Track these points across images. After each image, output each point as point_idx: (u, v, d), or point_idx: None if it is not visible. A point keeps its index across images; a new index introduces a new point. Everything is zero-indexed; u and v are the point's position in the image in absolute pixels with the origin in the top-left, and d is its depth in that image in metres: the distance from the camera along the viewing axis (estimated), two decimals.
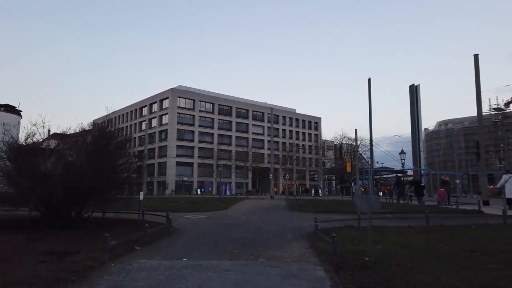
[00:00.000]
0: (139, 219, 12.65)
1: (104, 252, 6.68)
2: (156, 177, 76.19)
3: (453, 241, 7.72)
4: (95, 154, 10.82)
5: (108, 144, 11.18)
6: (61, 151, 11.25)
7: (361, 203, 5.90)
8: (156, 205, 21.68)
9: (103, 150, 10.90)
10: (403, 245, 7.26)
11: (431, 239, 8.00)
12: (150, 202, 22.05)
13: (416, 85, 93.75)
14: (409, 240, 7.96)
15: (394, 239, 8.03)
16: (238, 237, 9.44)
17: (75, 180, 9.85)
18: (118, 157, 11.41)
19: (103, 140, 11.05)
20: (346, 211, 17.25)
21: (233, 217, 15.14)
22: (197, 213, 16.93)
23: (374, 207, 5.77)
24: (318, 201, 27.32)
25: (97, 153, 10.77)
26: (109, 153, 10.98)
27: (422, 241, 7.73)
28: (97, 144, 10.86)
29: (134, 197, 14.21)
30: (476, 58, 25.11)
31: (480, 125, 26.19)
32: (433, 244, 7.44)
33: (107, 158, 10.86)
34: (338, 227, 10.66)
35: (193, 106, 78.28)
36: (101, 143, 11.12)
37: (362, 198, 5.93)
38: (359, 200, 5.94)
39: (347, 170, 33.09)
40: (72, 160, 11.08)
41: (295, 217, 15.16)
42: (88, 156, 10.75)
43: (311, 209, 18.44)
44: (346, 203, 25.03)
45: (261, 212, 17.77)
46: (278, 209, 20.21)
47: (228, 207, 20.95)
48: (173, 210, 18.23)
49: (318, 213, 16.69)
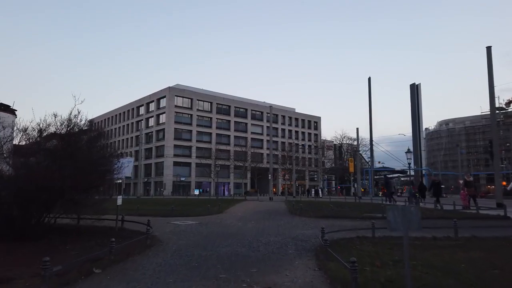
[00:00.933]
0: (116, 227, 10.95)
1: (43, 282, 4.96)
2: (153, 177, 74.53)
3: (505, 264, 6.03)
4: (61, 152, 9.10)
5: (78, 140, 9.47)
6: (24, 151, 9.52)
7: (394, 218, 4.19)
8: (145, 208, 19.97)
9: (71, 148, 9.18)
10: (442, 269, 5.55)
11: (473, 260, 6.30)
12: (137, 205, 20.29)
13: (417, 84, 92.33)
14: (446, 260, 6.26)
15: (425, 259, 6.34)
16: (229, 253, 7.74)
17: (33, 182, 8.16)
18: (90, 154, 9.67)
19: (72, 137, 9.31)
20: (352, 216, 15.65)
21: (226, 224, 13.42)
22: (187, 218, 15.22)
23: (413, 224, 4.07)
24: (320, 203, 25.55)
25: (64, 152, 9.06)
26: (78, 151, 9.24)
27: (465, 263, 6.03)
28: (63, 141, 9.13)
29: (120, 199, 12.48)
30: (489, 51, 23.42)
31: (494, 121, 24.46)
32: (480, 267, 5.74)
33: (76, 157, 9.13)
34: (348, 239, 8.97)
35: (190, 105, 76.54)
36: (70, 140, 9.39)
37: (396, 211, 4.20)
38: (392, 214, 4.21)
39: (350, 170, 31.33)
40: (36, 160, 9.36)
41: (297, 223, 13.46)
42: (53, 154, 9.03)
43: (313, 214, 16.77)
44: (350, 205, 23.40)
45: (258, 217, 16.04)
46: (277, 213, 18.48)
47: (223, 211, 19.20)
48: (163, 214, 16.82)
49: (321, 218, 15.17)
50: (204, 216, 16.43)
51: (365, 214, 16.44)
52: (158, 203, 26.63)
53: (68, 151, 9.11)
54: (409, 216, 4.12)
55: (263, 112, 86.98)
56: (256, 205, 24.56)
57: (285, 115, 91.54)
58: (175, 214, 16.67)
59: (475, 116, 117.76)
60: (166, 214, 16.76)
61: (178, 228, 12.16)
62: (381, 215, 15.03)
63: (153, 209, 19.93)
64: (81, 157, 9.28)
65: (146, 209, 19.44)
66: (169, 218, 15.49)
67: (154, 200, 36.05)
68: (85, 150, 9.67)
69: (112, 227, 11.01)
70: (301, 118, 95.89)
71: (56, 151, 8.98)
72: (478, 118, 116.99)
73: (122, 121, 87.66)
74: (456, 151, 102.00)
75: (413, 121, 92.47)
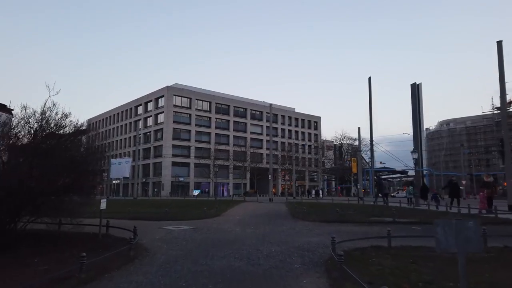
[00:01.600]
0: (99, 234, 9.83)
1: None
2: (152, 177, 73.33)
3: None
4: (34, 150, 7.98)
5: (54, 136, 8.34)
6: None
7: (444, 235, 3.07)
8: (138, 211, 18.86)
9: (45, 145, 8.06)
10: None
11: None
12: (129, 207, 19.15)
13: (418, 84, 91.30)
14: (488, 281, 5.15)
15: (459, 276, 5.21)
16: (224, 267, 6.61)
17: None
18: (68, 152, 8.55)
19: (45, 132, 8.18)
20: (359, 221, 14.51)
21: (223, 229, 12.27)
22: (182, 223, 14.09)
23: (472, 244, 2.96)
24: (323, 206, 24.41)
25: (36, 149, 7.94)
26: (54, 148, 8.12)
27: None
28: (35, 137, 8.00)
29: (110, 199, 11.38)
30: (500, 45, 22.38)
31: (504, 119, 23.38)
32: None
33: (52, 155, 8.01)
34: (362, 249, 7.85)
35: (189, 105, 75.36)
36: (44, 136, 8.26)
37: (447, 227, 3.08)
38: (441, 230, 3.09)
39: (353, 170, 30.24)
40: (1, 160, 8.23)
41: (301, 229, 12.32)
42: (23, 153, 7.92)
43: (317, 217, 15.62)
44: (355, 207, 22.36)
45: (258, 221, 14.90)
46: (278, 216, 17.34)
47: (221, 214, 18.06)
48: (156, 218, 15.72)
49: (326, 223, 14.05)
50: (200, 219, 15.30)
51: (372, 218, 15.35)
52: (154, 205, 25.55)
53: (42, 149, 7.99)
54: (466, 232, 3.01)
55: (262, 111, 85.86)
56: (255, 207, 23.44)
57: (284, 115, 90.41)
58: (169, 217, 15.58)
59: (476, 116, 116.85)
60: (160, 217, 15.65)
61: (169, 234, 11.02)
62: (392, 220, 13.95)
63: (146, 211, 18.82)
64: (58, 155, 8.15)
65: (140, 211, 18.34)
66: (162, 222, 14.37)
67: (151, 201, 34.97)
68: (63, 147, 8.54)
69: (96, 233, 9.91)
70: (301, 118, 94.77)
71: (27, 149, 7.85)
72: (479, 118, 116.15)
73: (120, 121, 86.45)
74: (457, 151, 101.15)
75: (414, 121, 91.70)
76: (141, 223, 13.02)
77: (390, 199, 38.68)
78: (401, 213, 16.25)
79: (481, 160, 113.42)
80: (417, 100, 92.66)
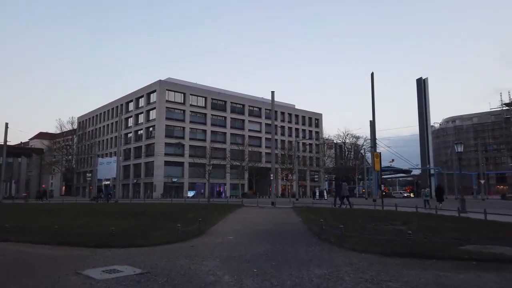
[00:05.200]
0: None
1: None
2: (143, 178, 68.67)
3: None
4: None
5: None
6: None
7: None
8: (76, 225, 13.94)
9: None
10: None
11: None
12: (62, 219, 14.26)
13: (424, 79, 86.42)
14: None
15: None
16: None
17: None
18: None
19: None
20: (452, 256, 6.87)
21: (198, 280, 5.27)
22: (129, 255, 7.46)
23: None
24: (350, 214, 18.93)
25: None
26: None
27: None
28: None
29: None
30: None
31: None
32: None
33: None
34: None
35: (183, 100, 70.64)
36: None
37: None
38: None
39: (376, 168, 25.61)
40: None
41: (356, 279, 5.25)
42: None
43: (363, 243, 7.99)
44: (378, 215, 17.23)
45: (263, 251, 7.52)
46: (294, 236, 10.18)
47: (206, 230, 11.41)
48: (94, 242, 8.81)
49: (390, 257, 6.86)
50: (168, 244, 8.69)
51: (467, 246, 7.52)
52: (127, 211, 20.75)
53: None
54: None
55: (261, 108, 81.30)
56: (256, 216, 18.14)
57: (284, 112, 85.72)
58: (115, 241, 8.86)
59: (484, 112, 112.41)
60: (99, 241, 8.95)
61: None
62: None
63: (92, 227, 12.25)
64: None
65: (74, 228, 12.40)
66: (97, 251, 7.91)
67: (131, 206, 30.14)
68: None
69: None
70: (301, 115, 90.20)
71: None
72: (486, 115, 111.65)
73: (110, 119, 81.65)
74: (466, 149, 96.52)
75: (420, 118, 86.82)
76: (47, 254, 7.65)
77: (397, 201, 34.27)
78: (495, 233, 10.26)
79: (490, 159, 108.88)
80: (424, 95, 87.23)
